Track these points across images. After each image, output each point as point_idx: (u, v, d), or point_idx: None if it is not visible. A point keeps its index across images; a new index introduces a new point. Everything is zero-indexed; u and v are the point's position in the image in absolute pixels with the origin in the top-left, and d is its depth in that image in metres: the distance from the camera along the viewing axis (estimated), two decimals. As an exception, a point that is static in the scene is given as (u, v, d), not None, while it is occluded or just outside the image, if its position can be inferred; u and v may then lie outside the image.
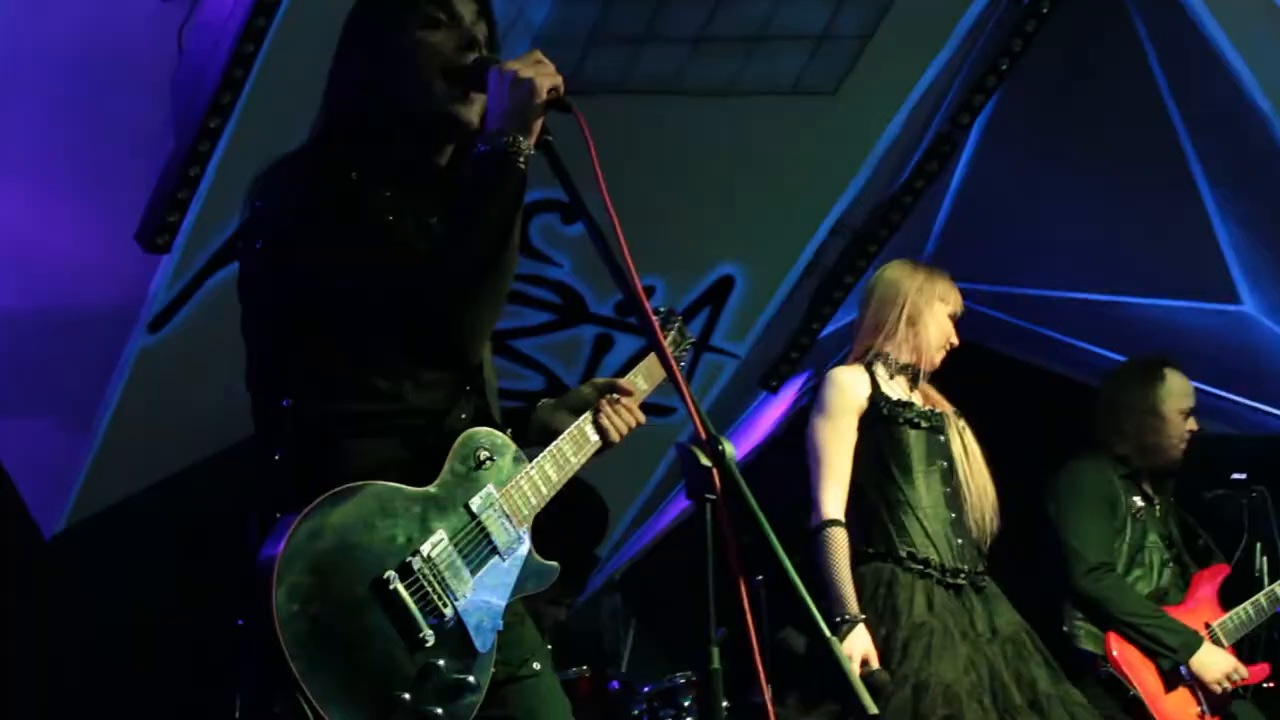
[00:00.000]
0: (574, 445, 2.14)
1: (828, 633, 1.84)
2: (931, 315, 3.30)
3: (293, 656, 1.71)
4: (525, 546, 2.01)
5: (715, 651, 1.70)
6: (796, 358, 5.64)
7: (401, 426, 1.95)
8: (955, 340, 3.35)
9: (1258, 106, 4.50)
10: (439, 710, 1.82)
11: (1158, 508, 3.93)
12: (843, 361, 3.39)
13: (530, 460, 2.06)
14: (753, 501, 1.77)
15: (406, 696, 1.80)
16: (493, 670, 1.92)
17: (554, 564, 2.04)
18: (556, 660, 4.61)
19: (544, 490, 2.05)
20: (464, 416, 1.99)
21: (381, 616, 1.81)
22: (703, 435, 1.70)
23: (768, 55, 4.81)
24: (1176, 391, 3.94)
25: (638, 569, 6.04)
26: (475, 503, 1.96)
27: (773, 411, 6.04)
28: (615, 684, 4.42)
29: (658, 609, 5.65)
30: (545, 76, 1.89)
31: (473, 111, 2.00)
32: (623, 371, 2.44)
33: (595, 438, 2.18)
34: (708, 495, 1.69)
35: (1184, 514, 4.05)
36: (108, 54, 3.90)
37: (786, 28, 4.75)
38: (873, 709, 2.17)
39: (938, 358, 3.33)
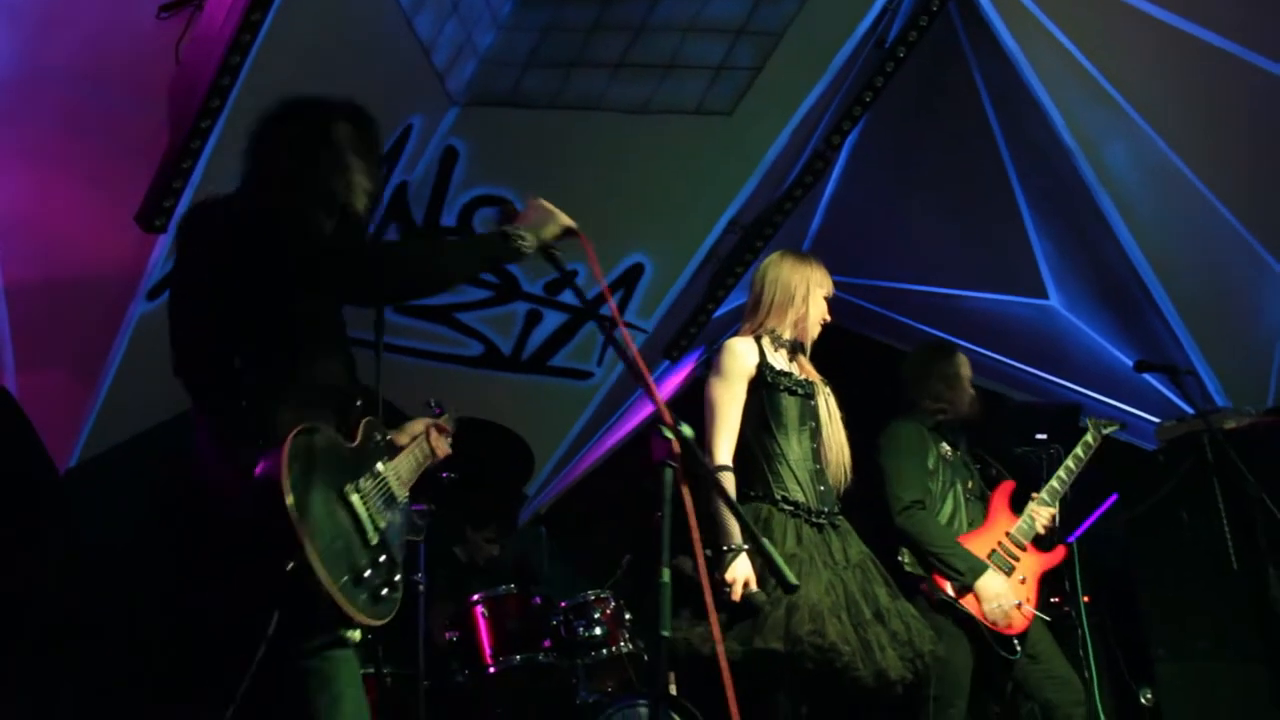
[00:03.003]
0: (421, 452, 2.43)
1: (765, 542, 2.01)
2: (811, 298, 3.31)
3: (298, 523, 1.85)
4: (408, 505, 2.26)
5: (665, 570, 1.84)
6: (694, 333, 5.71)
7: (321, 401, 2.11)
8: (828, 317, 3.37)
9: (1065, 142, 4.68)
10: (384, 591, 2.01)
11: (961, 452, 4.04)
12: (737, 334, 3.36)
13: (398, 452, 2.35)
14: (706, 468, 2.03)
15: (369, 574, 1.97)
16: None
17: (421, 524, 2.30)
18: (490, 580, 4.70)
19: (413, 470, 2.36)
20: (359, 404, 2.22)
21: (344, 515, 2.00)
22: (668, 420, 1.91)
23: (676, 81, 4.87)
24: (963, 362, 4.09)
25: (560, 505, 6.15)
26: (380, 467, 2.18)
27: (673, 379, 6.16)
28: (537, 600, 4.38)
29: (575, 538, 5.74)
30: (565, 217, 2.31)
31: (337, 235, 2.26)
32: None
33: (428, 451, 2.46)
34: (670, 463, 1.86)
35: (980, 453, 4.17)
36: (113, 64, 3.84)
37: (692, 59, 4.83)
38: (795, 581, 2.49)
39: (815, 331, 3.34)
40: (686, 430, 1.87)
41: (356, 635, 1.98)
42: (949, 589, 3.69)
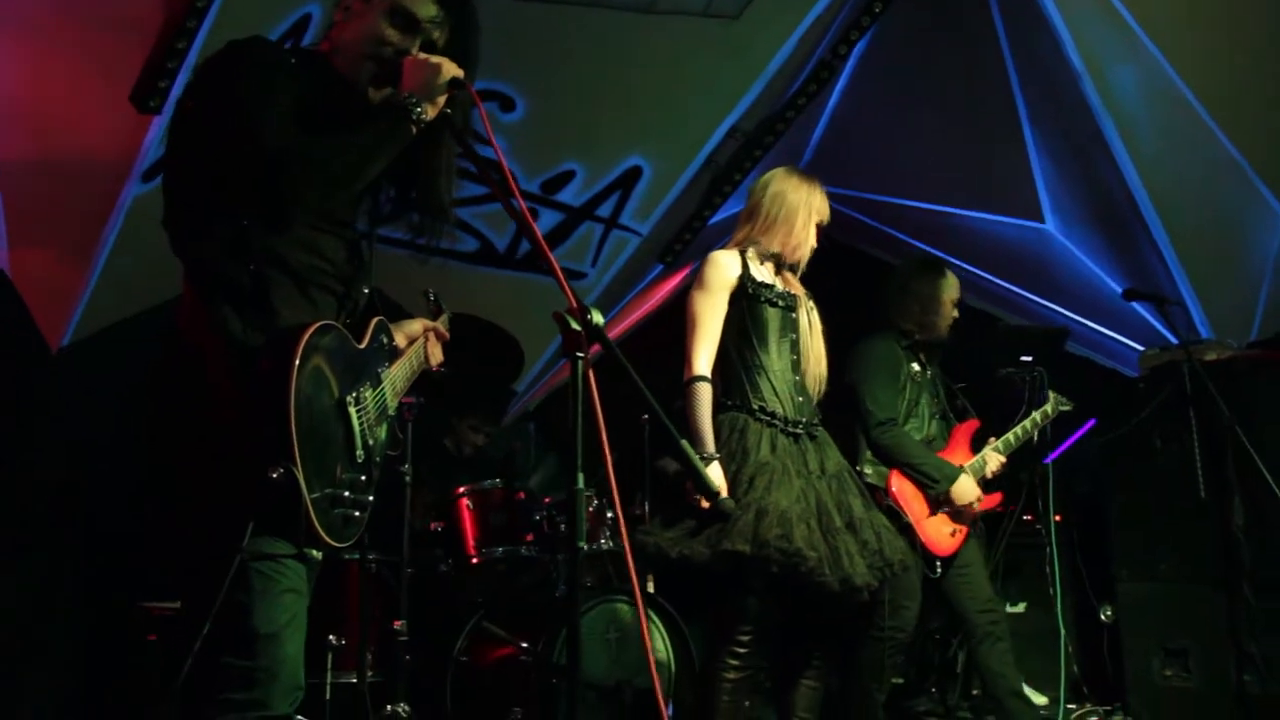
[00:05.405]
0: (417, 359, 2.32)
1: (685, 445, 2.01)
2: (804, 223, 3.27)
3: (296, 435, 1.75)
4: (394, 418, 2.16)
5: (581, 476, 1.81)
6: (689, 239, 5.73)
7: (328, 287, 2.02)
8: (815, 244, 3.32)
9: (1072, 63, 4.60)
10: (356, 514, 1.94)
11: (929, 373, 4.06)
12: (724, 246, 3.31)
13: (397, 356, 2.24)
14: (623, 358, 1.90)
15: (346, 494, 1.91)
16: None
17: (401, 437, 2.20)
18: (476, 473, 4.78)
19: (407, 380, 2.24)
20: (366, 290, 2.12)
21: (339, 429, 1.90)
22: (573, 305, 1.79)
23: (684, -19, 4.79)
24: (951, 285, 4.05)
25: (549, 403, 6.22)
26: (382, 372, 2.10)
27: (667, 284, 6.18)
28: (522, 495, 4.44)
29: (562, 436, 5.83)
30: (451, 65, 2.01)
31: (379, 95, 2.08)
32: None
33: (423, 359, 2.35)
34: (578, 354, 1.80)
35: (947, 380, 4.19)
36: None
37: (701, -42, 4.72)
38: (716, 489, 2.66)
39: (797, 256, 3.29)
40: (597, 318, 1.79)
41: (319, 555, 1.88)
42: (916, 504, 3.79)
